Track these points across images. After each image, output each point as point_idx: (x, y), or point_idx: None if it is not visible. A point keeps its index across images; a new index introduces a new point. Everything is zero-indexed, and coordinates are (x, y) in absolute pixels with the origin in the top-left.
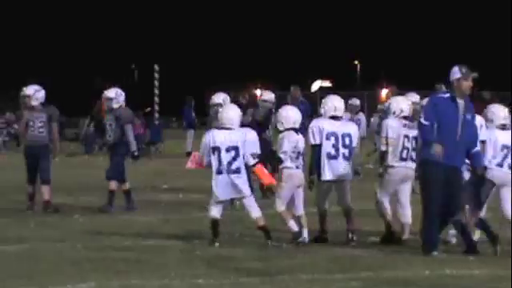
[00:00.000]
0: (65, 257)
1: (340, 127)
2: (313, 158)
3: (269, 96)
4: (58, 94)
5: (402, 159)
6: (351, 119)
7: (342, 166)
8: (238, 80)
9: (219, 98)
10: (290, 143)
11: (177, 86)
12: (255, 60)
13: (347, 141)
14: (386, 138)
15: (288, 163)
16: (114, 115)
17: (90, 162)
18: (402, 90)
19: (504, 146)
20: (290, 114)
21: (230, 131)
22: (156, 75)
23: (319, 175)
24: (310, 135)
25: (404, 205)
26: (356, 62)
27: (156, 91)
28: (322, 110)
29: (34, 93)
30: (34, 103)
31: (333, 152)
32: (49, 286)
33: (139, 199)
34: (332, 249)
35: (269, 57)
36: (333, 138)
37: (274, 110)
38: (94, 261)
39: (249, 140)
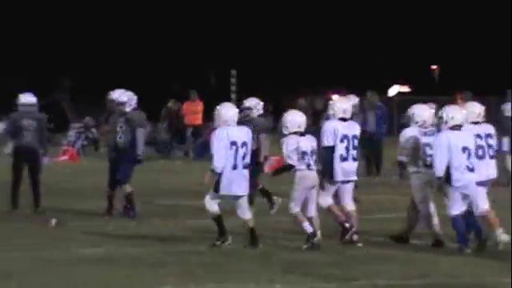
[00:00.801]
0: (142, 261)
1: (350, 129)
2: (325, 159)
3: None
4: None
5: (427, 166)
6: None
7: (352, 167)
8: (314, 85)
9: (250, 102)
10: (290, 146)
11: (254, 90)
12: (332, 64)
13: (356, 142)
14: (404, 148)
15: (299, 165)
16: (126, 118)
17: (166, 167)
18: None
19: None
20: (295, 118)
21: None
22: (233, 80)
23: (331, 176)
24: (324, 137)
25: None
26: (434, 67)
27: (233, 96)
28: (331, 112)
29: (127, 99)
30: (127, 109)
31: (344, 154)
32: None
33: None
34: (410, 253)
35: (345, 61)
36: (345, 141)
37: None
38: (170, 265)
39: None
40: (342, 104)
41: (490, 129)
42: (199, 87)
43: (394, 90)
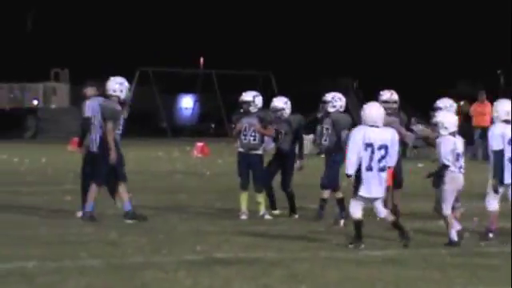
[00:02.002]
0: (430, 263)
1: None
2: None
3: None
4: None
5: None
6: None
7: None
8: None
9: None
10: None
11: None
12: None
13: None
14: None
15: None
16: (331, 119)
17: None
18: None
19: None
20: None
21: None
22: None
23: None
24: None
25: None
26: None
27: None
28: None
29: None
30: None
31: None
32: None
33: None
34: None
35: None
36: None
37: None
38: (458, 267)
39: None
40: (506, 106)
41: None
42: (487, 88)
43: None
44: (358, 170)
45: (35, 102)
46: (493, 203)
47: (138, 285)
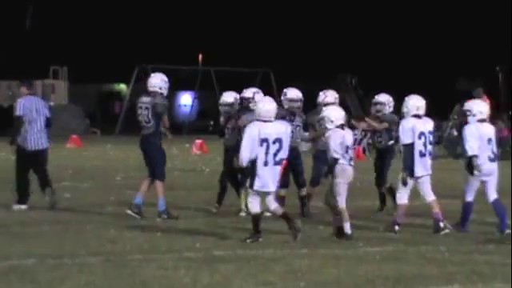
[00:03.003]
0: (428, 259)
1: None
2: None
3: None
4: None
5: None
6: None
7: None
8: None
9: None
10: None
11: None
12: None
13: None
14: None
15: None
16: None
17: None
18: None
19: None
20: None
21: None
22: None
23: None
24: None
25: None
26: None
27: None
28: (405, 110)
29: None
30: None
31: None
32: None
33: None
34: None
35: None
36: (423, 137)
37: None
38: (457, 264)
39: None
40: (415, 101)
41: None
42: (486, 84)
43: None
44: (253, 165)
45: None
46: (402, 197)
47: (137, 282)
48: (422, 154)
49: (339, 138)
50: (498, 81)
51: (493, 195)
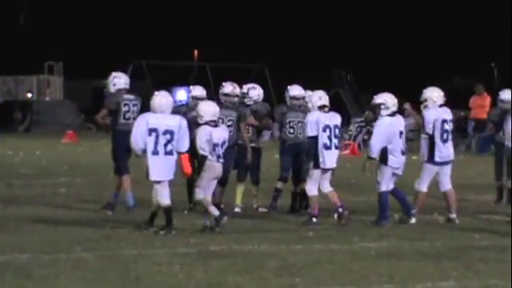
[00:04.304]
0: (425, 255)
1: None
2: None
3: None
4: None
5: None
6: None
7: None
8: None
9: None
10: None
11: None
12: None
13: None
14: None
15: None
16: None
17: None
18: None
19: None
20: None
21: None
22: None
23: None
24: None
25: None
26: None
27: None
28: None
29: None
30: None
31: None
32: (409, 285)
33: None
34: None
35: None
36: (328, 130)
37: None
38: (452, 259)
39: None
40: (319, 95)
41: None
42: (482, 81)
43: None
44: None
45: (29, 95)
46: (312, 189)
47: (131, 277)
48: (327, 147)
49: (206, 134)
50: (493, 77)
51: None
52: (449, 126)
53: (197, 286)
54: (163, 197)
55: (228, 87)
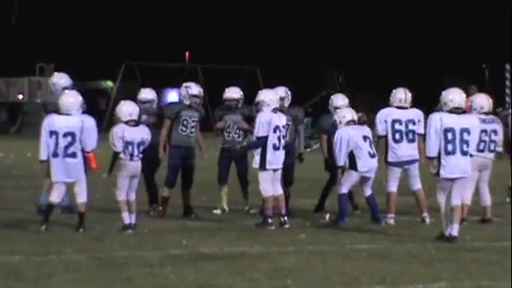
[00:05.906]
0: (416, 257)
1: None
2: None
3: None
4: None
5: (479, 150)
6: None
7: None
8: None
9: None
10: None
11: None
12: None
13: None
14: None
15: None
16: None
17: None
18: None
19: None
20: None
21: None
22: (508, 75)
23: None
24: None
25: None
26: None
27: (508, 91)
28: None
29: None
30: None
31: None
32: (400, 286)
33: None
34: None
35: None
36: (278, 131)
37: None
38: (444, 261)
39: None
40: (272, 95)
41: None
42: (474, 81)
43: None
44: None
45: (20, 97)
46: (267, 189)
47: (123, 279)
48: (276, 148)
49: (119, 132)
50: (484, 78)
51: (368, 191)
52: (403, 126)
53: (188, 287)
54: (53, 196)
55: (195, 88)
